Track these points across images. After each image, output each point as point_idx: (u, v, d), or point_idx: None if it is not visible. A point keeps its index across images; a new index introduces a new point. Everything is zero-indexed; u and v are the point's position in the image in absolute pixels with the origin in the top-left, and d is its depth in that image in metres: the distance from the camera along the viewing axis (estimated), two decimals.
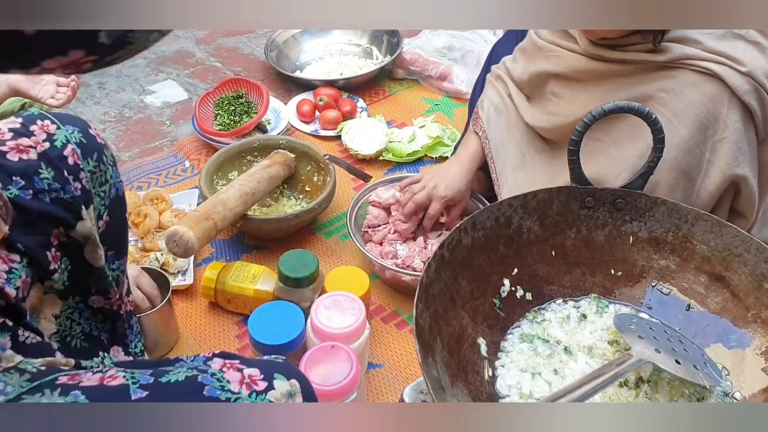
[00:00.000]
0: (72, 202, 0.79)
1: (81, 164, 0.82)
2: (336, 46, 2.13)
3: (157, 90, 1.99)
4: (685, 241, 0.99)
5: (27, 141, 0.78)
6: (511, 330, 0.98)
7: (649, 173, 1.00)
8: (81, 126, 0.85)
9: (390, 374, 1.19)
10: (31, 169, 0.76)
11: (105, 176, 0.87)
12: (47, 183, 0.77)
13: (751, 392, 0.89)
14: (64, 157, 0.80)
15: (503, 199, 0.99)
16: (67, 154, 0.80)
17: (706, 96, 1.04)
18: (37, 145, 0.78)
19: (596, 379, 0.81)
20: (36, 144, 0.78)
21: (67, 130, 0.82)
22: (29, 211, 0.75)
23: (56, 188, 0.78)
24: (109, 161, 0.88)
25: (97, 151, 0.85)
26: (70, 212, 0.79)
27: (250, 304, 1.22)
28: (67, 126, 0.83)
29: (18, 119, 0.81)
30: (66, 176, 0.79)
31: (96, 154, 0.85)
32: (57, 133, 0.81)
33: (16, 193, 0.74)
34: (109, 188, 0.88)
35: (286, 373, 0.68)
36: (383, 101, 1.94)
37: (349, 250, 1.44)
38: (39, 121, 0.81)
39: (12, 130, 0.79)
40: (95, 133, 0.87)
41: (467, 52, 1.98)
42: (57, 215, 0.77)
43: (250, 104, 1.77)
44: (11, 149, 0.77)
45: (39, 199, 0.76)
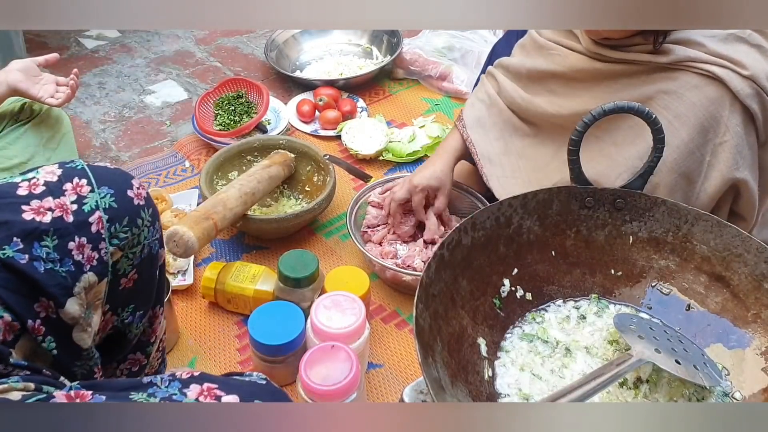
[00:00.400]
0: (65, 277, 0.74)
1: (104, 234, 0.77)
2: (336, 46, 2.13)
3: (157, 90, 1.99)
4: (685, 241, 0.99)
5: (53, 202, 0.75)
6: (511, 330, 0.98)
7: (648, 173, 1.00)
8: (119, 186, 0.81)
9: (390, 374, 1.19)
10: (36, 233, 0.73)
11: (138, 239, 0.83)
12: (46, 251, 0.73)
13: (751, 392, 0.89)
14: (88, 224, 0.76)
15: (503, 199, 0.99)
16: (92, 221, 0.76)
17: (707, 99, 1.04)
18: (58, 209, 0.75)
19: (596, 379, 0.81)
20: (59, 207, 0.75)
21: (100, 192, 0.78)
22: (18, 275, 0.71)
23: (53, 259, 0.73)
24: (146, 222, 0.83)
25: (130, 215, 0.81)
26: (61, 288, 0.73)
27: (250, 304, 1.22)
28: (102, 188, 0.79)
29: (59, 170, 0.78)
30: (68, 248, 0.74)
31: (128, 218, 0.80)
32: (89, 197, 0.77)
33: (10, 255, 0.70)
34: (141, 249, 0.84)
35: (266, 397, 0.68)
36: (383, 101, 1.94)
37: (349, 250, 1.44)
38: (76, 179, 0.78)
39: (46, 184, 0.76)
40: (135, 193, 0.82)
41: (467, 52, 1.98)
42: (47, 287, 0.72)
43: (250, 104, 1.77)
44: (30, 210, 0.73)
45: (33, 267, 0.71)
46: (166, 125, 1.84)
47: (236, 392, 0.67)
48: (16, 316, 0.70)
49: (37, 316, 0.73)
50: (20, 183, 0.76)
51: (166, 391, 0.67)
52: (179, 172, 1.67)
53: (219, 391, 0.66)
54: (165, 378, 0.69)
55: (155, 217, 0.87)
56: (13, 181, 0.76)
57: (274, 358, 1.11)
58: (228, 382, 0.69)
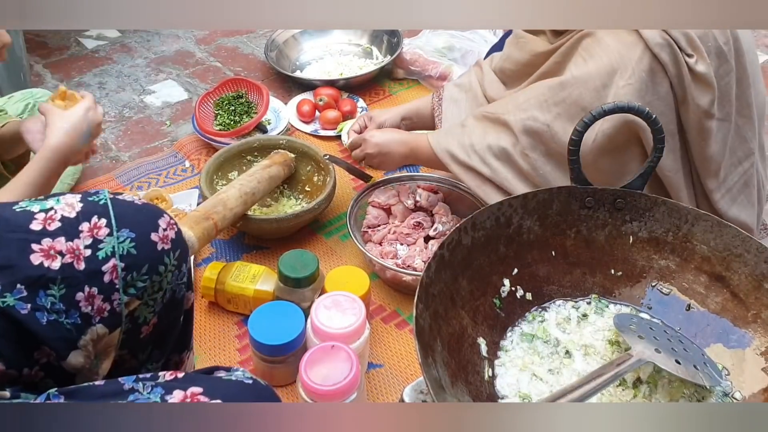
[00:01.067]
0: (70, 330, 0.68)
1: (118, 284, 0.71)
2: (336, 46, 2.13)
3: (157, 90, 1.99)
4: (685, 241, 0.99)
5: (65, 245, 0.69)
6: (511, 330, 0.98)
7: (649, 173, 1.00)
8: (143, 229, 0.73)
9: (390, 374, 1.19)
10: (42, 281, 0.67)
11: (159, 285, 0.75)
12: (51, 301, 0.67)
13: (751, 392, 0.89)
14: (101, 273, 0.70)
15: (503, 199, 0.99)
16: (105, 270, 0.70)
17: (621, 43, 1.07)
18: (69, 254, 0.69)
19: (596, 379, 0.81)
20: (71, 252, 0.69)
21: (119, 237, 0.71)
22: (18, 325, 0.66)
23: (58, 310, 0.67)
24: (171, 267, 0.76)
25: (151, 262, 0.73)
26: (64, 341, 0.68)
27: (250, 304, 1.22)
28: (123, 231, 0.72)
29: (80, 204, 0.72)
30: (75, 300, 0.68)
31: (148, 266, 0.73)
32: (106, 241, 0.70)
33: (11, 303, 0.65)
34: (163, 294, 0.77)
35: (252, 399, 0.67)
36: (383, 101, 1.94)
37: (349, 250, 1.44)
38: (94, 219, 0.71)
39: (62, 221, 0.70)
40: (161, 236, 0.75)
41: (467, 52, 1.99)
42: (48, 339, 0.67)
43: (250, 104, 1.77)
44: (40, 251, 0.68)
45: (34, 318, 0.66)
46: (166, 125, 1.84)
47: (221, 396, 0.65)
48: (12, 365, 0.66)
49: (36, 363, 0.68)
50: (36, 214, 0.70)
51: (147, 398, 0.64)
52: (179, 172, 1.67)
53: (203, 396, 0.64)
54: (147, 383, 0.66)
55: (183, 259, 0.78)
56: (30, 209, 0.70)
57: (274, 358, 1.11)
58: (213, 384, 0.67)
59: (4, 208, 0.71)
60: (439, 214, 1.39)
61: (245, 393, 0.68)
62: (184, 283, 0.80)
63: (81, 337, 0.69)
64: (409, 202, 1.42)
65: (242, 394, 0.67)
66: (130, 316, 0.73)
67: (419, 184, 1.45)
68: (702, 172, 1.15)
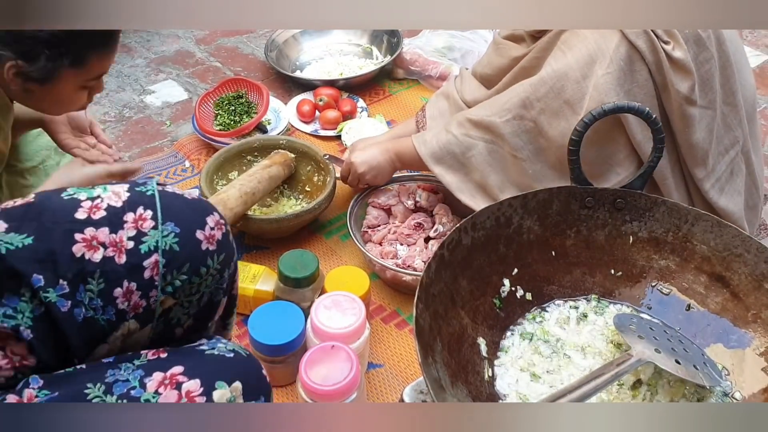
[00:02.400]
0: (104, 325, 0.68)
1: (158, 281, 0.69)
2: (336, 46, 2.13)
3: (157, 90, 1.99)
4: (685, 241, 0.99)
5: (108, 235, 0.67)
6: (511, 330, 0.98)
7: (649, 173, 1.00)
8: (188, 225, 0.71)
9: (390, 374, 1.19)
10: (83, 274, 0.66)
11: (197, 288, 0.72)
12: (90, 296, 0.66)
13: (751, 392, 0.89)
14: (142, 268, 0.68)
15: (503, 199, 0.99)
16: (146, 265, 0.68)
17: (599, 33, 1.08)
18: (113, 245, 0.67)
19: (596, 379, 0.81)
20: (115, 243, 0.67)
21: (164, 230, 0.69)
22: (55, 325, 0.65)
23: (96, 306, 0.66)
24: (213, 270, 0.72)
25: (192, 261, 0.70)
26: (95, 338, 0.68)
27: (250, 304, 1.22)
28: (168, 224, 0.69)
29: (126, 194, 0.70)
30: (113, 295, 0.67)
31: (189, 265, 0.70)
32: (149, 234, 0.68)
33: (53, 300, 0.65)
34: (200, 297, 0.73)
35: (230, 376, 0.67)
36: (383, 101, 1.94)
37: (349, 250, 1.44)
38: (140, 210, 0.69)
39: (108, 210, 0.68)
40: (206, 235, 0.71)
41: (467, 52, 1.98)
42: (81, 339, 0.67)
43: (250, 104, 1.77)
44: (83, 240, 0.66)
45: (73, 315, 0.66)
46: (166, 125, 1.84)
47: (199, 375, 0.66)
48: (43, 361, 0.67)
49: (66, 359, 0.68)
50: (83, 202, 0.69)
51: (124, 386, 0.64)
52: (179, 172, 1.67)
53: (183, 376, 0.65)
54: (128, 365, 0.66)
55: (227, 264, 0.74)
56: (77, 197, 0.69)
57: (274, 358, 1.11)
58: (195, 362, 0.67)
59: (52, 196, 0.70)
60: (440, 214, 1.39)
61: (224, 368, 0.68)
62: (223, 289, 0.76)
63: (112, 333, 0.69)
64: (409, 203, 1.42)
65: (221, 370, 0.68)
66: (164, 316, 0.71)
67: (420, 185, 1.45)
68: (689, 161, 1.14)
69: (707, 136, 1.13)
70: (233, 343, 0.72)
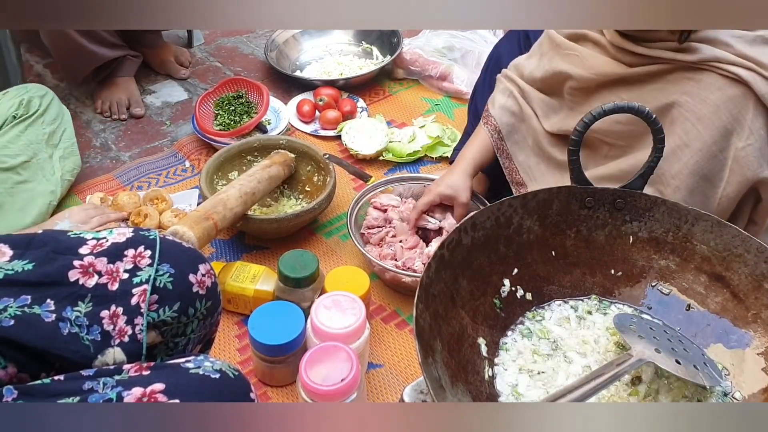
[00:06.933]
0: (88, 345, 0.69)
1: (143, 308, 0.71)
2: (336, 46, 2.13)
3: (157, 90, 1.99)
4: (685, 241, 0.99)
5: (105, 265, 0.71)
6: (511, 330, 0.98)
7: (649, 173, 1.00)
8: (182, 267, 0.75)
9: (390, 374, 1.19)
10: (72, 297, 0.69)
11: (183, 330, 0.75)
12: (76, 315, 0.69)
13: (751, 392, 0.89)
14: (130, 294, 0.71)
15: (503, 199, 0.99)
16: (135, 293, 0.71)
17: (731, 101, 1.03)
18: (108, 274, 0.71)
19: (596, 379, 0.80)
20: (111, 272, 0.71)
21: (159, 270, 0.73)
22: (37, 335, 0.67)
23: (81, 324, 0.69)
24: (199, 314, 0.76)
25: (183, 301, 0.74)
26: (80, 355, 0.69)
27: (250, 304, 1.22)
28: (164, 265, 0.74)
29: (131, 233, 0.75)
30: (100, 316, 0.70)
31: (180, 304, 0.73)
32: (144, 270, 0.72)
33: (37, 312, 0.67)
34: (186, 342, 0.77)
35: (213, 398, 0.66)
36: (383, 101, 1.94)
37: (349, 251, 1.44)
38: (141, 248, 0.74)
39: (110, 246, 0.73)
40: (198, 280, 0.76)
41: (467, 52, 1.98)
42: (65, 351, 0.68)
43: (250, 104, 1.77)
44: (80, 266, 0.70)
45: (57, 327, 0.68)
46: (166, 125, 1.84)
47: (180, 395, 0.64)
48: (25, 370, 0.68)
49: (52, 368, 0.69)
50: (89, 240, 0.73)
51: (100, 397, 0.63)
52: (179, 172, 1.67)
53: (162, 395, 0.64)
54: (108, 379, 0.65)
55: (212, 312, 0.79)
56: (84, 236, 0.74)
57: (274, 358, 1.11)
58: (177, 380, 0.66)
59: (61, 233, 0.75)
60: (440, 215, 1.39)
61: (208, 390, 0.66)
62: (202, 336, 0.79)
63: (97, 356, 0.70)
64: (409, 203, 1.42)
65: (204, 391, 0.66)
66: (149, 352, 0.73)
67: (420, 185, 1.45)
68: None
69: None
70: (222, 362, 0.70)
